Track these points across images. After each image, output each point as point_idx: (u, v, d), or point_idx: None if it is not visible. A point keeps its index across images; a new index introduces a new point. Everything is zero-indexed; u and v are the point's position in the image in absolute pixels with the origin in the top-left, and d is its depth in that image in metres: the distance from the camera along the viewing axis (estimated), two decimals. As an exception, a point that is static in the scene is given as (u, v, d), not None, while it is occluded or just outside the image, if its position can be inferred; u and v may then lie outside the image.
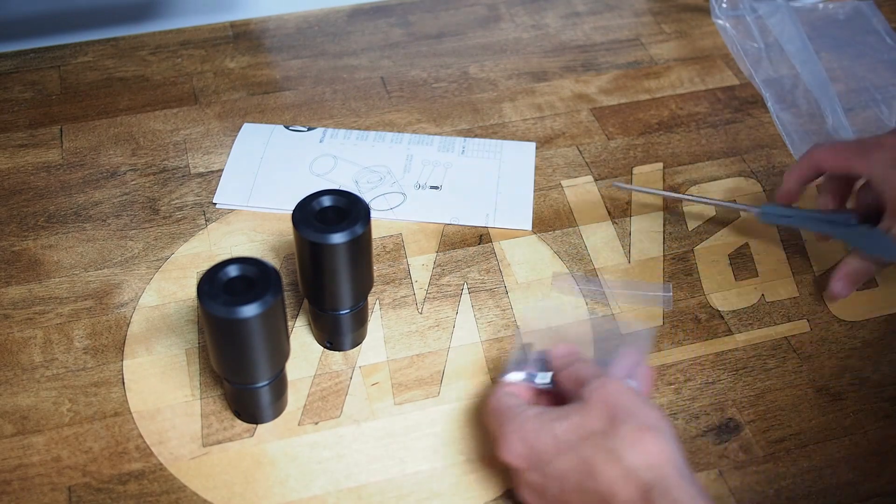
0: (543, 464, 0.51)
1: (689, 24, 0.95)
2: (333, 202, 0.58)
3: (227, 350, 0.54)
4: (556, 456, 0.50)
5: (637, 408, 0.50)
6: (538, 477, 0.51)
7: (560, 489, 0.50)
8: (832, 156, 0.66)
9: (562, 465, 0.50)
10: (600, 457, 0.48)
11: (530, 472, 0.51)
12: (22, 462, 0.58)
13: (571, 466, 0.49)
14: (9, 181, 0.76)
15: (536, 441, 0.51)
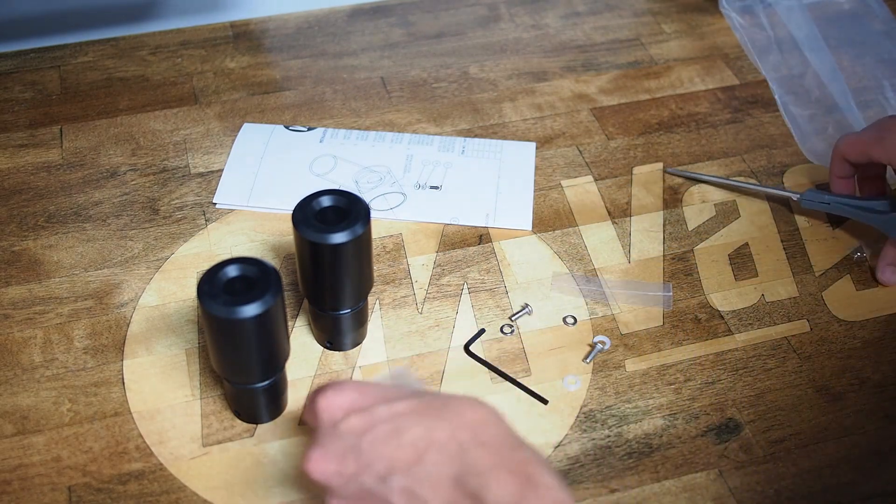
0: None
1: (690, 24, 0.95)
2: (333, 202, 0.58)
3: (227, 350, 0.54)
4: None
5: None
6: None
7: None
8: (852, 146, 0.69)
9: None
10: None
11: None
12: (22, 462, 0.58)
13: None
14: (9, 181, 0.76)
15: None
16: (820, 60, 0.84)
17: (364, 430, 0.47)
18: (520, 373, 0.63)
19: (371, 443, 0.47)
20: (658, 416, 0.61)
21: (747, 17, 0.89)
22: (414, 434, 0.46)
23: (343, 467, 0.47)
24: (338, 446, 0.48)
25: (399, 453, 0.46)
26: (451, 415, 0.47)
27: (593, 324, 0.67)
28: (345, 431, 0.48)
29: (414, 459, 0.46)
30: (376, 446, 0.47)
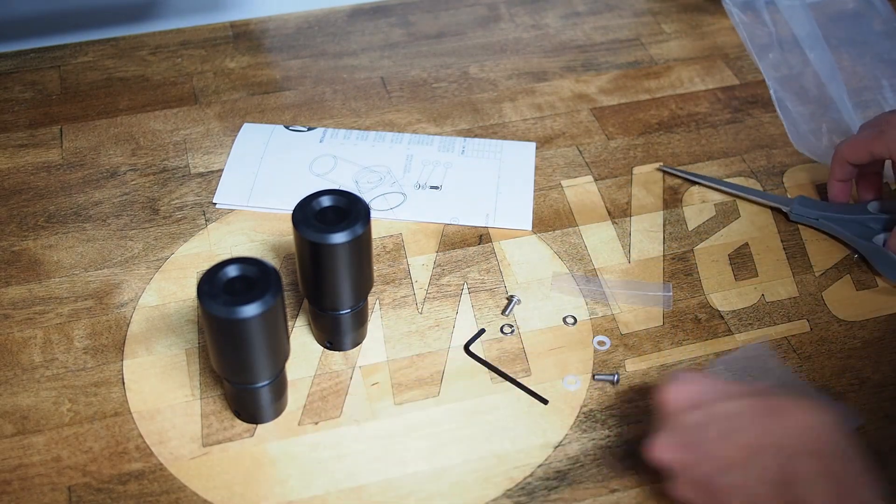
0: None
1: (690, 24, 0.95)
2: (333, 202, 0.58)
3: (227, 350, 0.54)
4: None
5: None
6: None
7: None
8: (853, 148, 0.69)
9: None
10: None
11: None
12: (22, 462, 0.58)
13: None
14: (9, 181, 0.76)
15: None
16: (819, 59, 0.84)
17: (704, 425, 0.51)
18: (520, 373, 0.63)
19: (708, 439, 0.50)
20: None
21: (749, 14, 0.89)
22: (747, 435, 0.49)
23: (683, 456, 0.51)
24: (679, 437, 0.51)
25: (732, 453, 0.49)
26: (786, 419, 0.49)
27: (593, 324, 0.67)
28: (687, 424, 0.51)
29: (745, 460, 0.49)
30: (713, 443, 0.50)
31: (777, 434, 0.49)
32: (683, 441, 0.51)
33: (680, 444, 0.51)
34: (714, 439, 0.50)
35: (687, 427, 0.51)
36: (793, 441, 0.48)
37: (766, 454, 0.48)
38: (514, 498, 0.57)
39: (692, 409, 0.52)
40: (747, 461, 0.49)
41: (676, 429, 0.52)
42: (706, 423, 0.51)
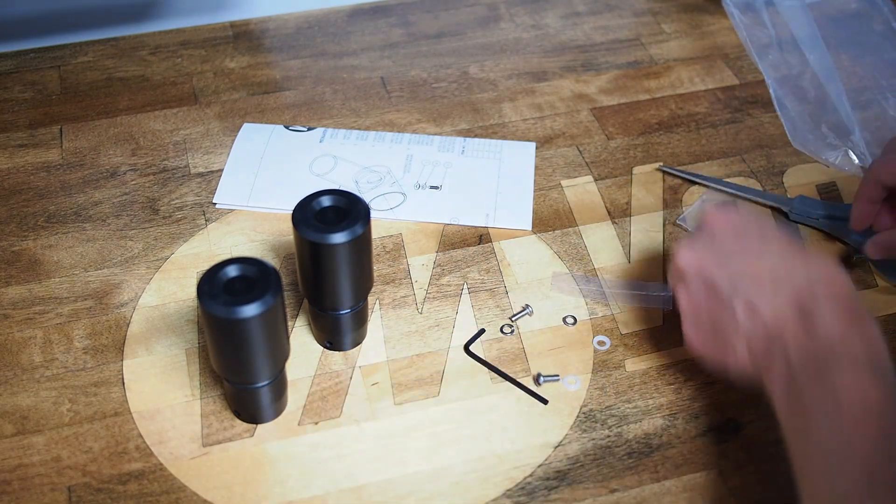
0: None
1: (690, 24, 0.95)
2: (333, 202, 0.58)
3: (227, 350, 0.54)
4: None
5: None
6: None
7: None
8: (888, 166, 0.64)
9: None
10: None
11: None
12: (22, 462, 0.58)
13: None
14: (9, 181, 0.76)
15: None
16: (819, 60, 0.84)
17: (736, 240, 0.56)
18: (520, 373, 0.63)
19: (737, 252, 0.55)
20: (658, 416, 0.61)
21: (749, 15, 0.89)
22: (776, 265, 0.53)
23: (704, 261, 0.55)
24: (707, 245, 0.56)
25: (758, 271, 0.53)
26: (812, 262, 0.53)
27: (593, 324, 0.67)
28: (719, 236, 0.56)
29: (768, 283, 0.53)
30: (741, 256, 0.54)
31: (801, 270, 0.53)
32: (709, 248, 0.56)
33: (704, 251, 0.56)
34: (743, 253, 0.54)
35: (718, 238, 0.56)
36: (818, 288, 0.51)
37: (792, 286, 0.52)
38: (514, 498, 0.57)
39: (730, 228, 0.56)
40: (771, 284, 0.52)
41: (707, 239, 0.56)
42: (739, 239, 0.55)
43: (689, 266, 0.56)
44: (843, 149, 0.79)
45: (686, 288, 0.57)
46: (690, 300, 0.56)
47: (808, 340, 0.50)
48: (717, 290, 0.54)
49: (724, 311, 0.54)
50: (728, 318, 0.54)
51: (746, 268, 0.54)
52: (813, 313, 0.50)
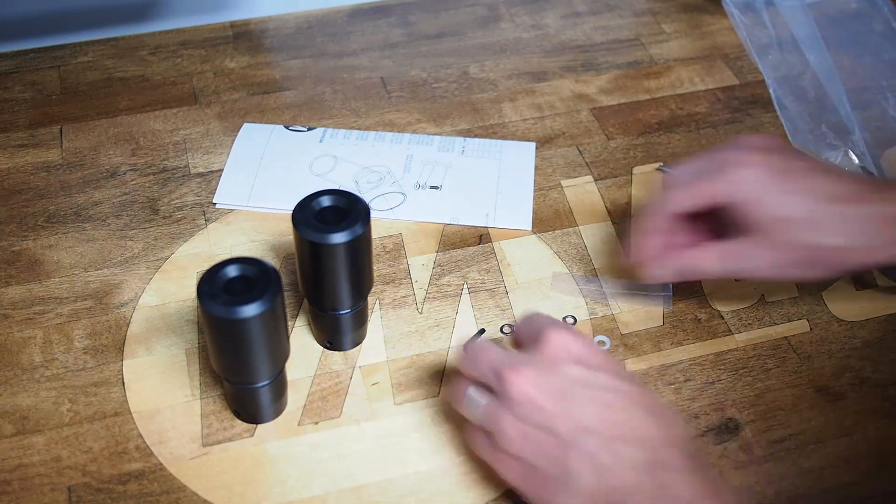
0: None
1: (690, 24, 0.95)
2: (333, 202, 0.58)
3: (227, 350, 0.54)
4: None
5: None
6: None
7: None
8: (688, 194, 0.60)
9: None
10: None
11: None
12: (22, 462, 0.58)
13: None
14: (9, 181, 0.76)
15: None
16: (819, 61, 0.84)
17: (583, 383, 0.49)
18: (520, 373, 0.63)
19: (585, 398, 0.49)
20: (658, 416, 0.61)
21: (749, 15, 0.89)
22: (628, 417, 0.49)
23: (543, 401, 0.49)
24: (550, 381, 0.49)
25: (608, 424, 0.48)
26: (665, 430, 0.49)
27: (593, 324, 0.67)
28: (564, 374, 0.50)
29: (618, 437, 0.48)
30: (588, 404, 0.48)
31: (653, 429, 0.48)
32: (551, 386, 0.49)
33: (546, 387, 0.49)
34: (591, 400, 0.49)
35: (563, 376, 0.50)
36: (668, 441, 0.48)
37: (642, 443, 0.48)
38: (514, 498, 0.57)
39: (574, 364, 0.50)
40: (621, 440, 0.48)
41: (550, 372, 0.50)
42: (587, 384, 0.49)
43: (525, 397, 0.49)
44: (843, 149, 0.79)
45: (513, 412, 0.50)
46: (518, 429, 0.49)
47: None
48: (554, 434, 0.48)
49: (558, 460, 0.48)
50: (559, 468, 0.48)
51: (592, 418, 0.48)
52: (665, 485, 0.46)
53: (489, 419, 0.51)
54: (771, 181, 0.57)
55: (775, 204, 0.57)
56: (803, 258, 0.57)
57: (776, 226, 0.57)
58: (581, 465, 0.47)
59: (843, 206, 0.57)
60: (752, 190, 0.57)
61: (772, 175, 0.57)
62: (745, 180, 0.57)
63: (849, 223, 0.56)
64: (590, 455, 0.48)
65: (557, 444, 0.48)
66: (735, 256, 0.59)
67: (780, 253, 0.58)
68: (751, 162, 0.58)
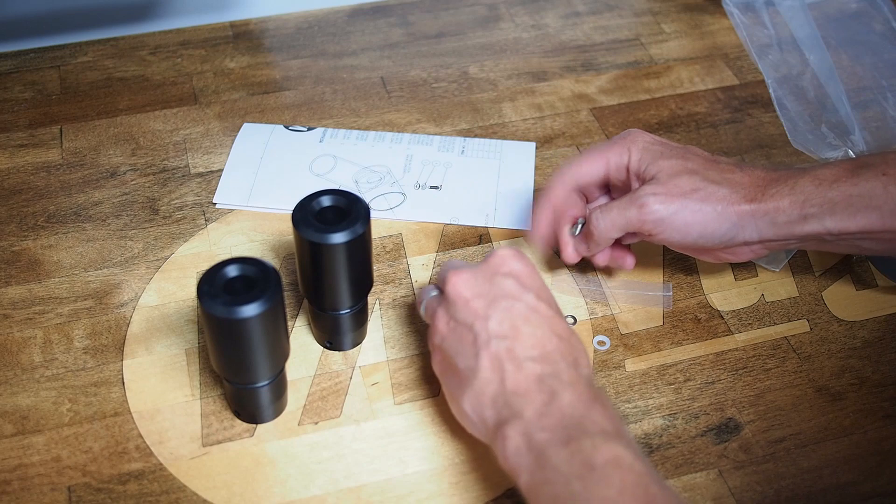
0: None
1: (690, 23, 0.95)
2: (333, 202, 0.58)
3: (227, 350, 0.54)
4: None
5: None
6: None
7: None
8: (586, 161, 0.64)
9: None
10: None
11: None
12: (22, 462, 0.58)
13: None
14: (9, 181, 0.76)
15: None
16: (818, 61, 0.84)
17: (512, 296, 0.54)
18: (520, 373, 0.63)
19: (508, 308, 0.53)
20: (658, 415, 0.61)
21: (749, 15, 0.89)
22: (540, 334, 0.53)
23: (471, 301, 0.54)
24: (485, 287, 0.55)
25: (520, 335, 0.52)
26: (567, 352, 0.53)
27: (593, 324, 0.67)
28: (498, 284, 0.55)
29: (525, 348, 0.52)
30: (509, 314, 0.53)
31: (555, 351, 0.52)
32: (485, 291, 0.54)
33: (480, 291, 0.54)
34: (512, 311, 0.53)
35: (496, 286, 0.55)
36: (565, 362, 0.52)
37: (541, 359, 0.52)
38: (514, 498, 0.57)
39: (510, 278, 0.55)
40: (528, 348, 0.52)
41: (486, 280, 0.55)
42: (515, 299, 0.54)
43: (458, 296, 0.55)
44: (843, 149, 0.79)
45: (447, 309, 0.55)
46: (447, 324, 0.55)
47: (549, 416, 0.49)
48: (473, 332, 0.53)
49: (470, 356, 0.53)
50: (471, 363, 0.53)
51: (509, 327, 0.53)
52: (556, 393, 0.50)
53: (429, 313, 0.58)
54: (662, 144, 0.63)
55: (669, 157, 0.61)
56: (696, 196, 0.59)
57: (673, 170, 0.61)
58: (487, 365, 0.52)
59: (723, 167, 0.61)
60: (647, 148, 0.62)
61: (661, 142, 0.63)
62: (639, 141, 0.63)
63: (728, 177, 0.60)
64: (497, 358, 0.52)
65: (473, 342, 0.53)
66: (632, 201, 0.61)
67: (674, 190, 0.60)
68: (638, 133, 0.64)
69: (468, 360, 0.53)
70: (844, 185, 0.58)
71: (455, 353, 0.54)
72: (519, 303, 0.54)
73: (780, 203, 0.59)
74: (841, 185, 0.58)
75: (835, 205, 0.58)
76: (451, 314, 0.55)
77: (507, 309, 0.53)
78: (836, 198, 0.58)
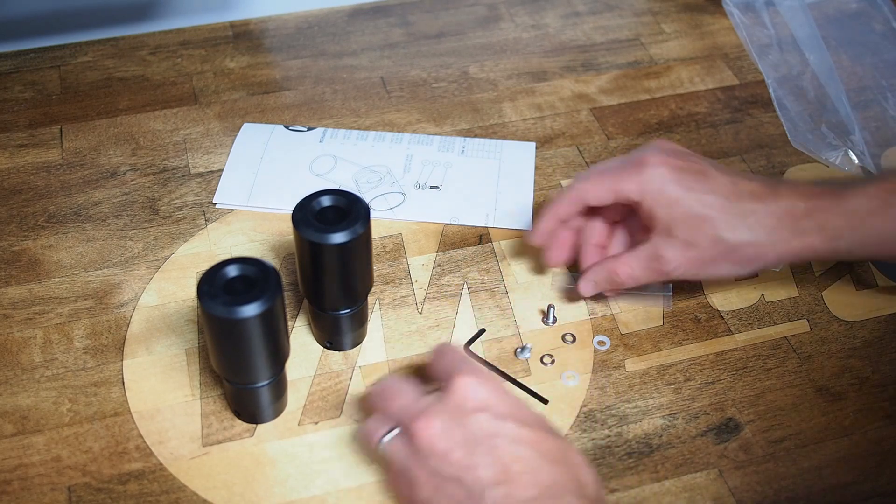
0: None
1: (690, 23, 0.95)
2: (333, 202, 0.58)
3: (227, 350, 0.54)
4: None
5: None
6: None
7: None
8: (597, 185, 0.61)
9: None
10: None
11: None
12: (22, 462, 0.58)
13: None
14: (9, 181, 0.76)
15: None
16: (819, 60, 0.84)
17: (490, 433, 0.49)
18: (520, 373, 0.63)
19: (491, 449, 0.48)
20: (658, 415, 0.61)
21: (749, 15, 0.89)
22: (533, 467, 0.48)
23: (450, 452, 0.49)
24: (458, 433, 0.49)
25: (513, 475, 0.48)
26: (567, 469, 0.49)
27: (593, 324, 0.67)
28: (471, 424, 0.49)
29: (523, 488, 0.47)
30: (494, 455, 0.48)
31: (558, 480, 0.48)
32: (458, 436, 0.49)
33: (453, 437, 0.49)
34: (494, 452, 0.48)
35: (469, 427, 0.49)
36: (567, 482, 0.48)
37: (545, 495, 0.48)
38: (514, 498, 0.57)
39: (481, 413, 0.50)
40: (523, 493, 0.47)
41: (456, 422, 0.49)
42: (493, 436, 0.49)
43: (433, 450, 0.49)
44: (843, 149, 0.79)
45: (423, 462, 0.49)
46: (430, 479, 0.49)
47: None
48: (465, 486, 0.48)
49: None
50: None
51: (498, 471, 0.48)
52: None
53: (405, 468, 0.51)
54: (677, 180, 0.59)
55: (685, 202, 0.58)
56: (718, 254, 0.58)
57: (689, 223, 0.58)
58: None
59: (745, 203, 0.58)
60: (660, 188, 0.59)
61: (678, 174, 0.59)
62: (652, 178, 0.59)
63: (752, 218, 0.58)
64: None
65: (467, 496, 0.48)
66: (653, 258, 0.60)
67: (696, 251, 0.59)
68: (655, 162, 0.60)
69: None
70: (877, 220, 0.56)
71: None
72: (500, 439, 0.49)
73: (810, 241, 0.57)
74: (874, 220, 0.56)
75: (866, 240, 0.57)
76: (432, 469, 0.49)
77: (490, 451, 0.48)
78: (869, 235, 0.56)
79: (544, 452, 0.49)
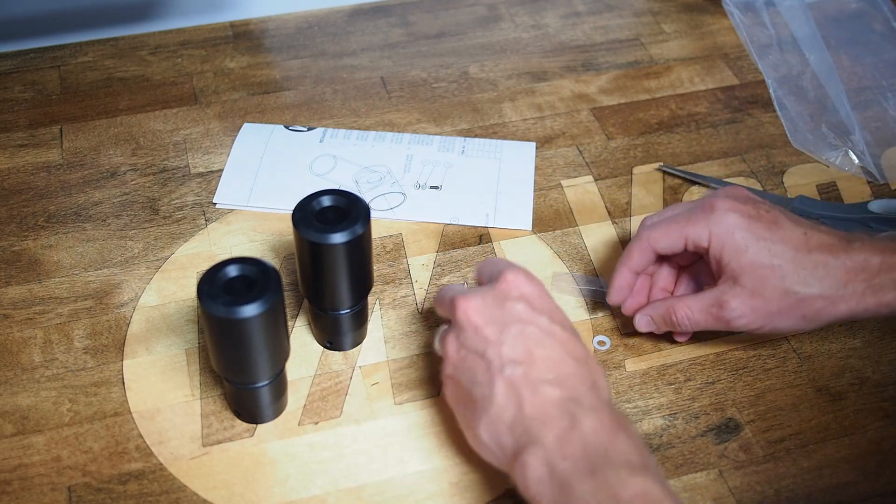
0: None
1: (690, 23, 0.95)
2: (333, 202, 0.58)
3: (227, 350, 0.54)
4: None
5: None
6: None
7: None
8: (667, 233, 0.60)
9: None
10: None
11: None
12: (22, 462, 0.58)
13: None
14: (9, 181, 0.76)
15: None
16: (818, 60, 0.84)
17: (524, 320, 0.52)
18: (520, 373, 0.63)
19: (522, 333, 0.52)
20: (658, 416, 0.61)
21: (749, 15, 0.89)
22: (556, 357, 0.51)
23: (483, 327, 0.52)
24: (494, 312, 0.53)
25: (535, 360, 0.51)
26: (585, 375, 0.52)
27: (593, 324, 0.67)
28: (510, 308, 0.53)
29: (542, 373, 0.50)
30: (523, 338, 0.52)
31: (574, 374, 0.51)
32: (495, 317, 0.53)
33: (490, 317, 0.53)
34: (526, 336, 0.52)
35: (507, 311, 0.53)
36: (585, 386, 0.51)
37: (560, 383, 0.50)
38: (514, 498, 0.57)
39: (522, 301, 0.54)
40: (545, 373, 0.51)
41: (496, 305, 0.53)
42: (528, 322, 0.52)
43: (469, 322, 0.53)
44: (843, 149, 0.79)
45: (457, 337, 0.54)
46: (458, 352, 0.53)
47: (571, 443, 0.47)
48: (486, 359, 0.51)
49: (484, 384, 0.51)
50: (485, 391, 0.51)
51: (523, 352, 0.51)
52: (577, 419, 0.48)
53: (441, 344, 0.55)
54: (747, 228, 0.57)
55: (754, 251, 0.57)
56: (785, 307, 0.57)
57: (757, 272, 0.57)
58: (503, 392, 0.50)
59: (816, 254, 0.57)
60: (729, 235, 0.57)
61: (748, 222, 0.57)
62: (722, 224, 0.58)
63: (822, 271, 0.56)
64: (513, 384, 0.50)
65: (487, 369, 0.51)
66: (716, 304, 0.58)
67: (762, 301, 0.57)
68: (725, 208, 0.58)
69: (483, 387, 0.51)
70: None
71: (468, 381, 0.52)
72: (532, 326, 0.52)
73: (887, 298, 0.55)
74: None
75: None
76: (462, 342, 0.53)
77: (519, 333, 0.52)
78: None
79: (569, 350, 0.52)
